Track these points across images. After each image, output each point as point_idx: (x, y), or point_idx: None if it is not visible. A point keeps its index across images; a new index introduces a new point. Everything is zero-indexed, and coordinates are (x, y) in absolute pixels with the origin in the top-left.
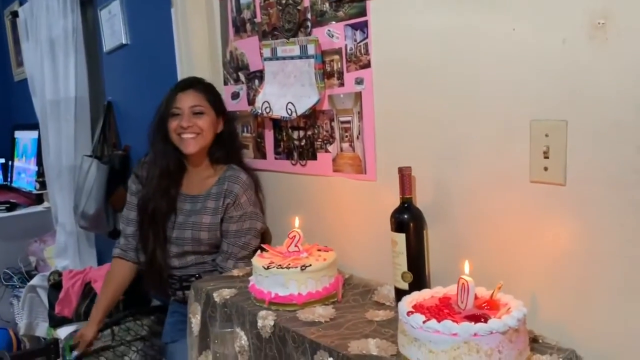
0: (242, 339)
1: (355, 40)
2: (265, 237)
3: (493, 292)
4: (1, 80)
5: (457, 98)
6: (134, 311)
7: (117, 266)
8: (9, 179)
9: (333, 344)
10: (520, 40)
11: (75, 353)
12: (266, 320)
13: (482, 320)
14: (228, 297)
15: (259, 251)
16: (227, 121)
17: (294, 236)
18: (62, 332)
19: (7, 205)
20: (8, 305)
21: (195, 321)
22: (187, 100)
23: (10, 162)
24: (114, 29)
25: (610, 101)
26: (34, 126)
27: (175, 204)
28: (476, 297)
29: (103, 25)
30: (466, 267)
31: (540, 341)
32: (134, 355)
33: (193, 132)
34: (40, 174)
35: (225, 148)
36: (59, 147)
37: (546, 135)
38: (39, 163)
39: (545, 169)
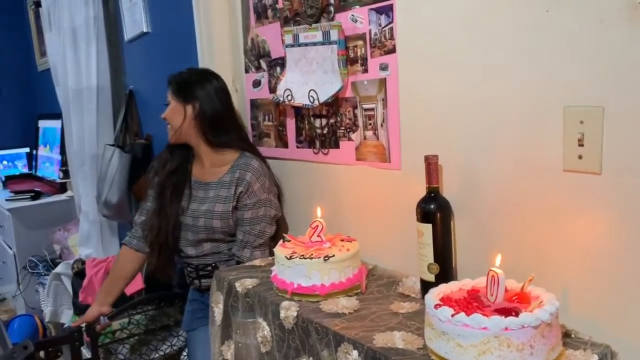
0: (265, 329)
1: (380, 25)
2: (279, 225)
3: (524, 285)
4: (25, 70)
5: (486, 84)
6: (150, 297)
7: (122, 253)
8: (33, 168)
9: (357, 336)
10: (554, 22)
11: (68, 323)
12: (289, 310)
13: (513, 314)
14: (250, 287)
15: (281, 241)
16: (206, 107)
17: (317, 226)
18: None
19: (32, 194)
20: (34, 292)
21: (217, 310)
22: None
23: (34, 151)
24: (134, 18)
25: None
26: (58, 115)
27: (183, 186)
28: (506, 290)
29: (124, 14)
30: (497, 261)
31: (573, 336)
32: (159, 344)
33: (167, 123)
34: (63, 162)
35: (218, 133)
36: (82, 136)
37: (581, 122)
38: (63, 152)
39: (580, 157)
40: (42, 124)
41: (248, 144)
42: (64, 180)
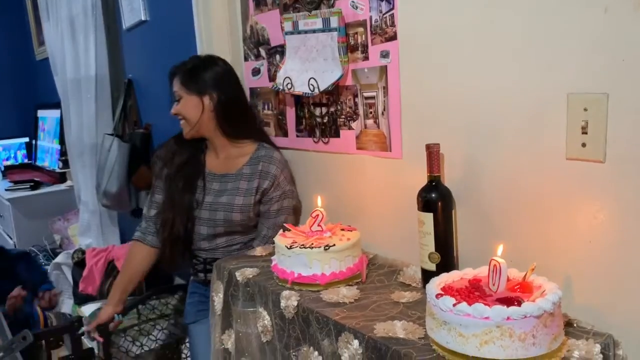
0: (265, 318)
1: (381, 12)
2: (295, 213)
3: (526, 274)
4: (24, 60)
5: (489, 70)
6: (157, 290)
7: (135, 249)
8: (33, 158)
9: (358, 325)
10: (558, 9)
11: (82, 329)
12: (289, 300)
13: (516, 303)
14: (251, 276)
15: (281, 230)
16: (223, 95)
17: (317, 215)
18: (87, 310)
19: (32, 184)
20: None
21: (217, 300)
22: (173, 89)
23: (34, 141)
24: (133, 6)
25: None
26: (57, 105)
27: (196, 178)
28: (508, 279)
29: (122, 2)
30: (499, 251)
31: (575, 325)
32: (158, 334)
33: (180, 118)
34: (63, 152)
35: (236, 123)
36: (81, 125)
37: (585, 110)
38: (62, 142)
39: (583, 145)
40: (41, 113)
41: (264, 134)
42: (63, 170)
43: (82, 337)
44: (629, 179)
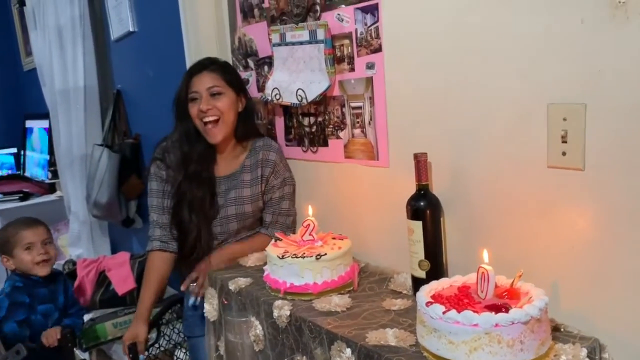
0: (257, 328)
1: (366, 24)
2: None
3: (513, 281)
4: (11, 70)
5: (472, 82)
6: (170, 303)
7: (158, 259)
8: (21, 169)
9: (350, 334)
10: (537, 21)
11: (142, 357)
12: (282, 310)
13: (503, 310)
14: (243, 286)
15: (273, 240)
16: (248, 99)
17: (309, 225)
18: None
19: (21, 195)
20: None
21: (211, 308)
22: (204, 83)
23: (22, 152)
24: (121, 16)
25: (631, 83)
26: (45, 115)
27: (214, 189)
28: (496, 286)
29: (110, 13)
30: (485, 257)
31: (562, 330)
32: (180, 354)
33: (214, 114)
34: (52, 163)
35: (247, 125)
36: (70, 136)
37: (564, 119)
38: (51, 152)
39: (564, 153)
40: (30, 124)
41: (260, 129)
42: (52, 181)
43: (75, 349)
44: (607, 186)
